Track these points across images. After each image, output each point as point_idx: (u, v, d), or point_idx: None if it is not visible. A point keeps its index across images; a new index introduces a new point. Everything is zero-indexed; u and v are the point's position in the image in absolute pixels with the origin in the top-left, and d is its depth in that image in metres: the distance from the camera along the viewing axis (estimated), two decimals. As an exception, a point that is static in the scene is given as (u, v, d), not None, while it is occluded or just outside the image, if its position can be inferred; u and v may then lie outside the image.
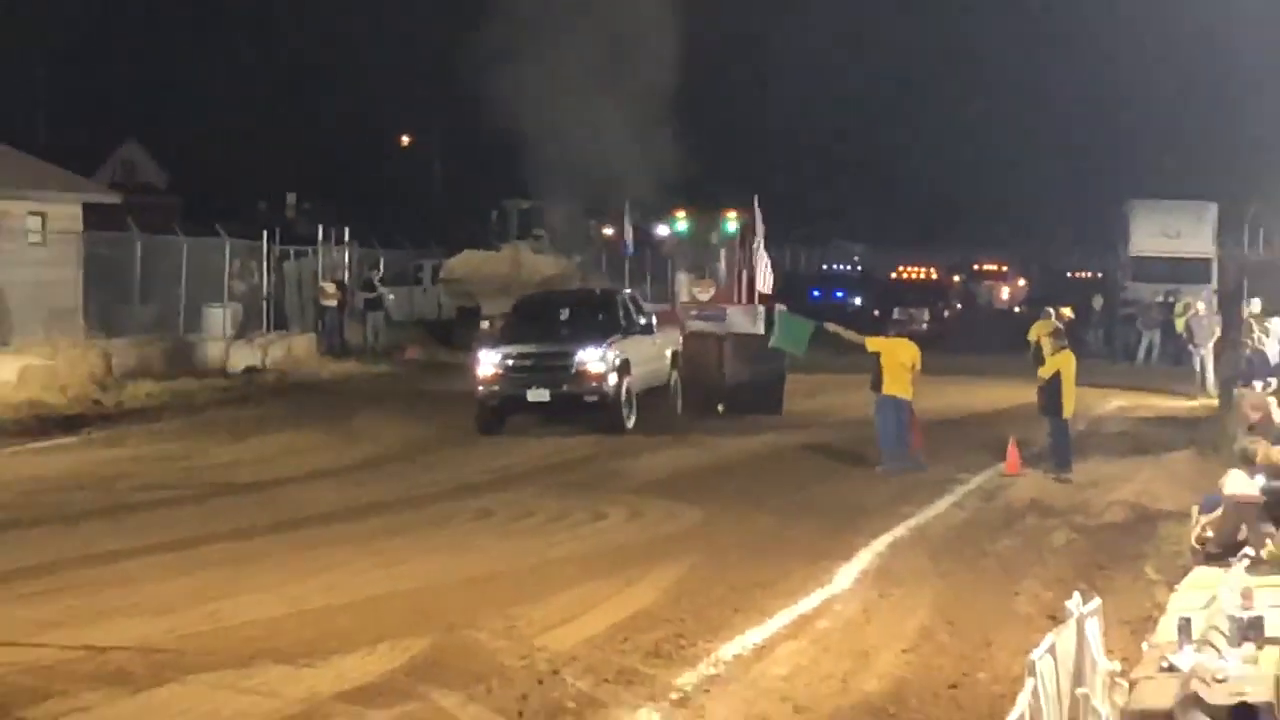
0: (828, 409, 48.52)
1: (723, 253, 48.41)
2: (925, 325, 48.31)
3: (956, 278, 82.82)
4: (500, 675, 19.27)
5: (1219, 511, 24.98)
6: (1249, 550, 23.67)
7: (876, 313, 60.44)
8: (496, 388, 37.20)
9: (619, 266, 58.04)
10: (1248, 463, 26.81)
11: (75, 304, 55.03)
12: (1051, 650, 14.97)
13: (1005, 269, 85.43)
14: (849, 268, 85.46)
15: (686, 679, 19.40)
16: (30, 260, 56.05)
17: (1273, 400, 29.49)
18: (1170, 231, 64.89)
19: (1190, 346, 53.87)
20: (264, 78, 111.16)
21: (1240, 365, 40.83)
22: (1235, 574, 22.18)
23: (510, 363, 36.93)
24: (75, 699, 18.23)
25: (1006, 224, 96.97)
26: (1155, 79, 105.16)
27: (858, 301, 69.22)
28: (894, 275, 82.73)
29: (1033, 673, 14.14)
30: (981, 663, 19.72)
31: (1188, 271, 61.28)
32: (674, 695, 18.71)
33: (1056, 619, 17.26)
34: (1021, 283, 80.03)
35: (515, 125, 57.37)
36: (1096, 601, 17.34)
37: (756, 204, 47.04)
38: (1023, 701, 13.36)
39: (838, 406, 48.49)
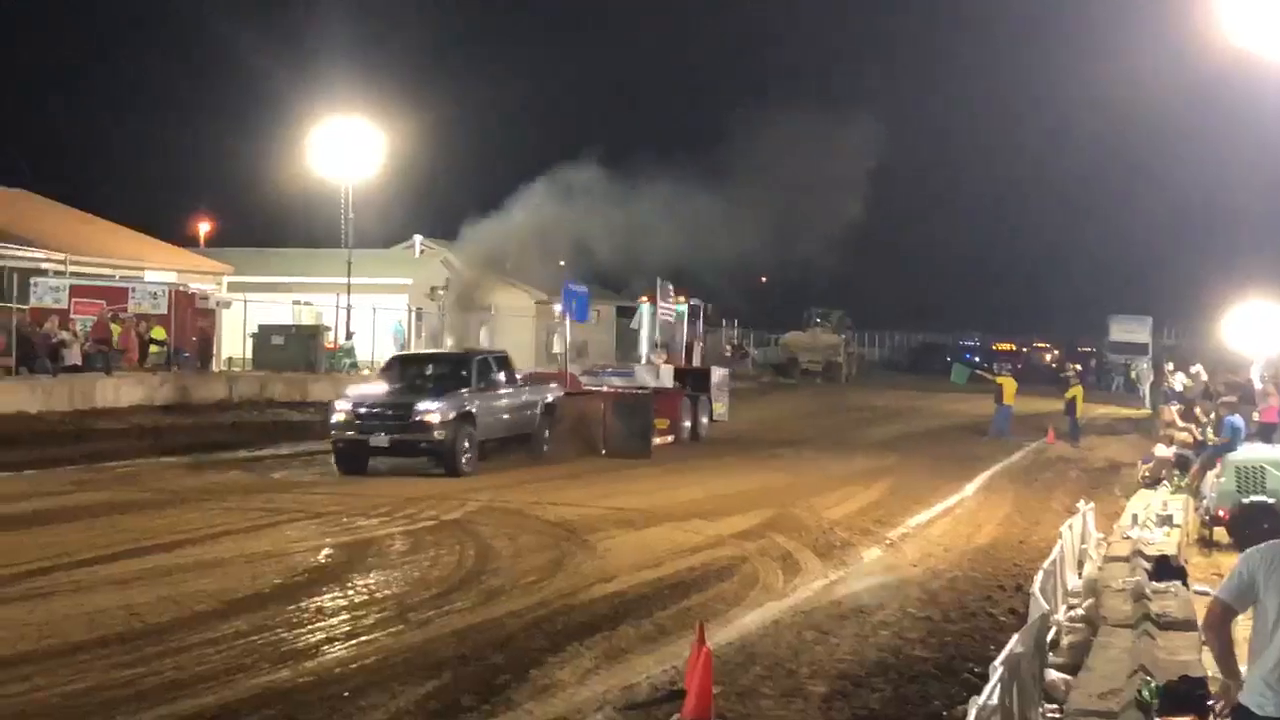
0: (955, 411, 48.93)
1: (677, 328, 38.21)
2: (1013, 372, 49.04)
3: (1024, 349, 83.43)
4: (804, 529, 20.68)
5: (1151, 463, 27.16)
6: (1165, 483, 25.36)
7: (985, 364, 61.94)
8: (346, 432, 26.32)
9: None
10: (1165, 440, 29.58)
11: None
12: (1070, 527, 16.42)
13: (1047, 345, 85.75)
14: (973, 342, 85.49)
15: (892, 534, 20.79)
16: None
17: (1175, 411, 30.95)
18: (1128, 330, 68.96)
19: (1138, 385, 60.27)
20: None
21: (1160, 395, 42.59)
22: (1160, 494, 24.16)
23: (360, 411, 26.40)
24: (607, 533, 19.75)
25: (1052, 321, 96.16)
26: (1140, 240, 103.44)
27: (977, 359, 70.44)
28: (993, 347, 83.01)
29: (1062, 537, 15.30)
30: (1035, 531, 21.00)
31: (1136, 349, 65.73)
32: (886, 541, 20.10)
33: (1073, 512, 18.81)
34: (1056, 353, 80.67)
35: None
36: (1091, 505, 19.44)
37: (659, 285, 37.08)
38: (1057, 550, 14.47)
39: (960, 410, 48.94)
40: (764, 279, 75.33)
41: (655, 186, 37.15)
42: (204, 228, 63.10)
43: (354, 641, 13.07)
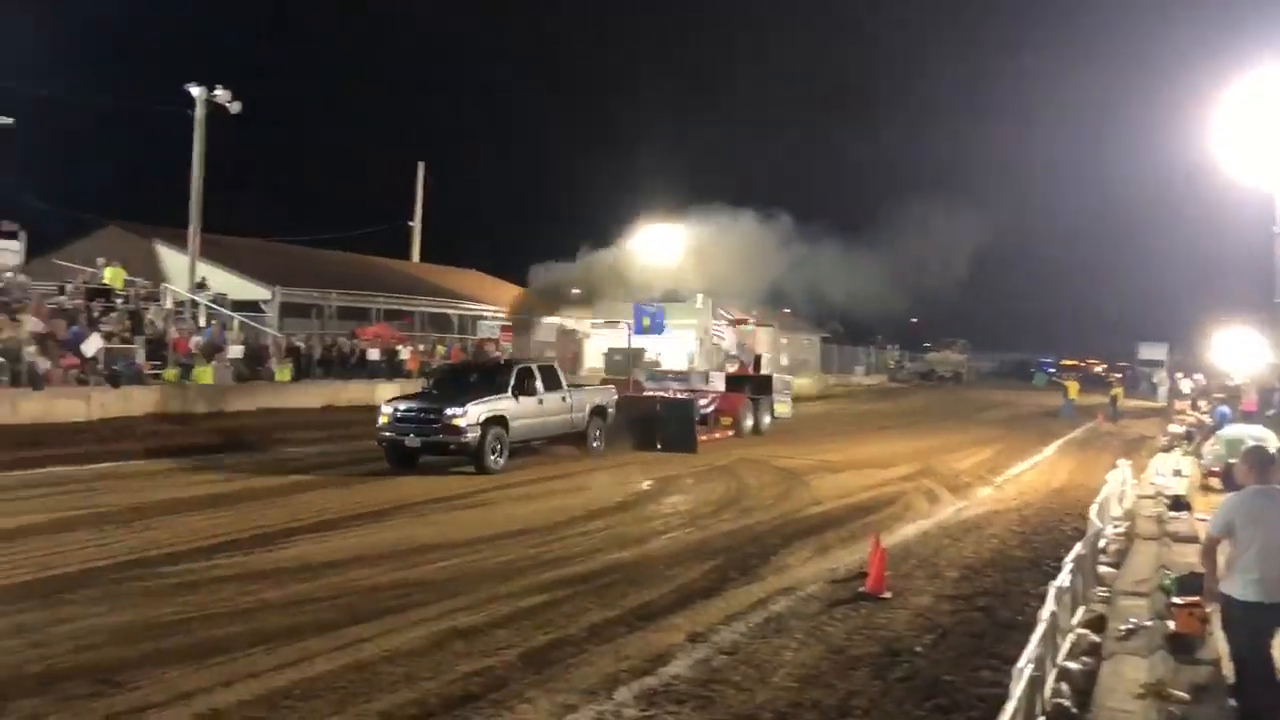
0: (1037, 403, 45.88)
1: (743, 345, 33.06)
2: (1075, 378, 46.44)
3: (1082, 363, 78.42)
4: (941, 475, 19.76)
5: (1168, 437, 25.85)
6: (1177, 449, 23.72)
7: (1056, 373, 58.97)
8: (386, 433, 18.27)
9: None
10: (1178, 422, 28.23)
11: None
12: (1114, 476, 15.44)
13: (1098, 360, 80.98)
14: (1049, 359, 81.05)
15: (998, 479, 19.79)
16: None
17: (1188, 405, 29.00)
18: (1153, 351, 65.32)
19: (1157, 387, 56.16)
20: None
21: (1172, 393, 40.22)
22: (1173, 456, 22.66)
23: (398, 415, 18.32)
24: (816, 474, 18.92)
25: (1101, 344, 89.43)
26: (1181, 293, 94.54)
27: (1051, 370, 67.17)
28: (1062, 362, 78.71)
29: (1108, 482, 14.63)
30: (1092, 478, 19.58)
31: (1156, 363, 61.80)
32: (995, 484, 19.12)
33: (1116, 467, 17.38)
34: (1104, 366, 75.60)
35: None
36: (1129, 462, 18.52)
37: (711, 311, 30.90)
38: (1105, 490, 13.69)
39: (1043, 401, 46.02)
40: (914, 320, 74.18)
41: (829, 246, 34.33)
42: (574, 292, 65.97)
43: (664, 537, 13.05)
